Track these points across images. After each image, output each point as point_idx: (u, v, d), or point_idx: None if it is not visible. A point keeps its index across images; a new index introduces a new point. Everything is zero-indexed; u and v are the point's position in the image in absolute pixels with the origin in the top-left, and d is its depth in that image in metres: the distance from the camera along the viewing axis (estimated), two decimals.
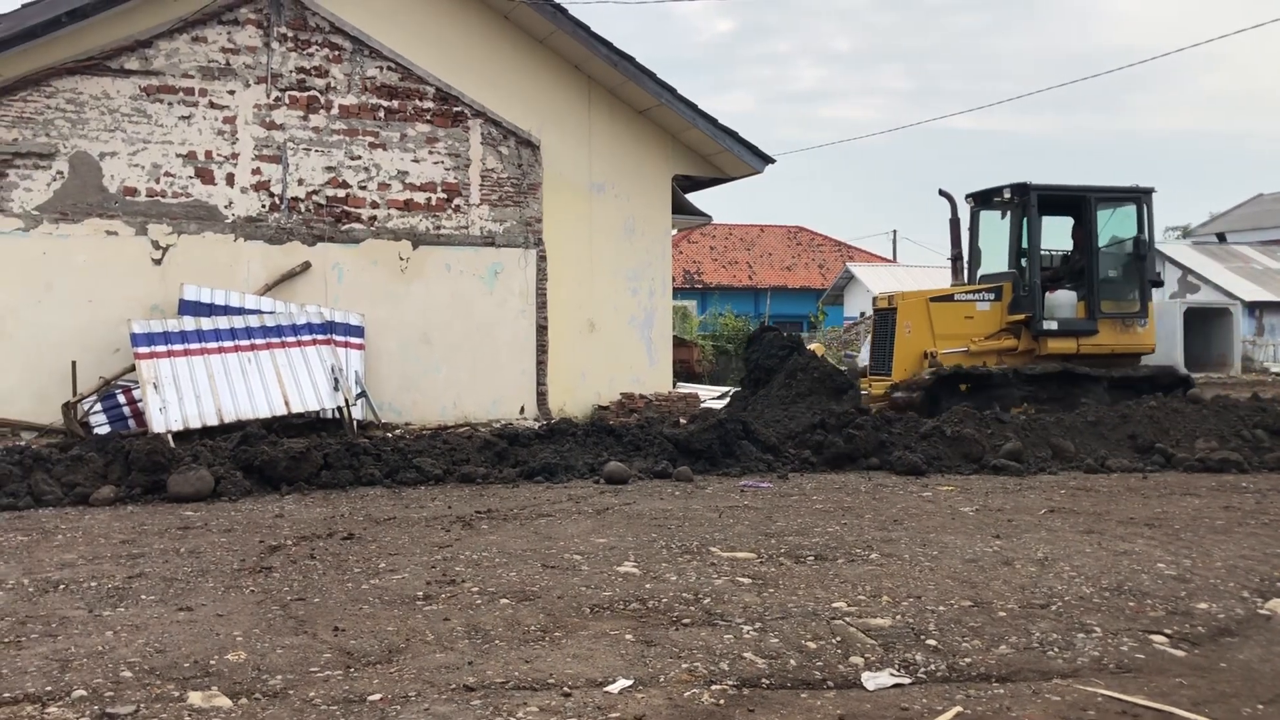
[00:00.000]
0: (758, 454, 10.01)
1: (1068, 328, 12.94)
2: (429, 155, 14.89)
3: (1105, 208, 13.36)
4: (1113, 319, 13.05)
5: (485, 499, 8.32)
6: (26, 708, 3.66)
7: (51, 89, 13.16)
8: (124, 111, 13.41)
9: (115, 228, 13.33)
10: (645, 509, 7.73)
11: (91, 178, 13.27)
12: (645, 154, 16.23)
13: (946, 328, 12.92)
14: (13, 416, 12.59)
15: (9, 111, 13.00)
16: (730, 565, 5.85)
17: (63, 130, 13.17)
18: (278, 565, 5.84)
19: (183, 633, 4.50)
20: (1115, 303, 13.17)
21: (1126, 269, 13.28)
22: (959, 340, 12.90)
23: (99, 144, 13.31)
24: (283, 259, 14.05)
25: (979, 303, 13.12)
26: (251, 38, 13.99)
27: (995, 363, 12.75)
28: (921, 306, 13.01)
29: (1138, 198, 13.28)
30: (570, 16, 14.95)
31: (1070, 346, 12.92)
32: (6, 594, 5.18)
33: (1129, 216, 13.36)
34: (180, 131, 13.66)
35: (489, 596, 5.14)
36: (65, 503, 8.12)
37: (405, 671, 4.06)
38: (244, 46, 13.96)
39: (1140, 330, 13.20)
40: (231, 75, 13.89)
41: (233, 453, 9.01)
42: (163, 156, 13.58)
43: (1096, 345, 13.01)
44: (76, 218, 13.19)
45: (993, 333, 13.05)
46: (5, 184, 12.95)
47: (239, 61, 13.93)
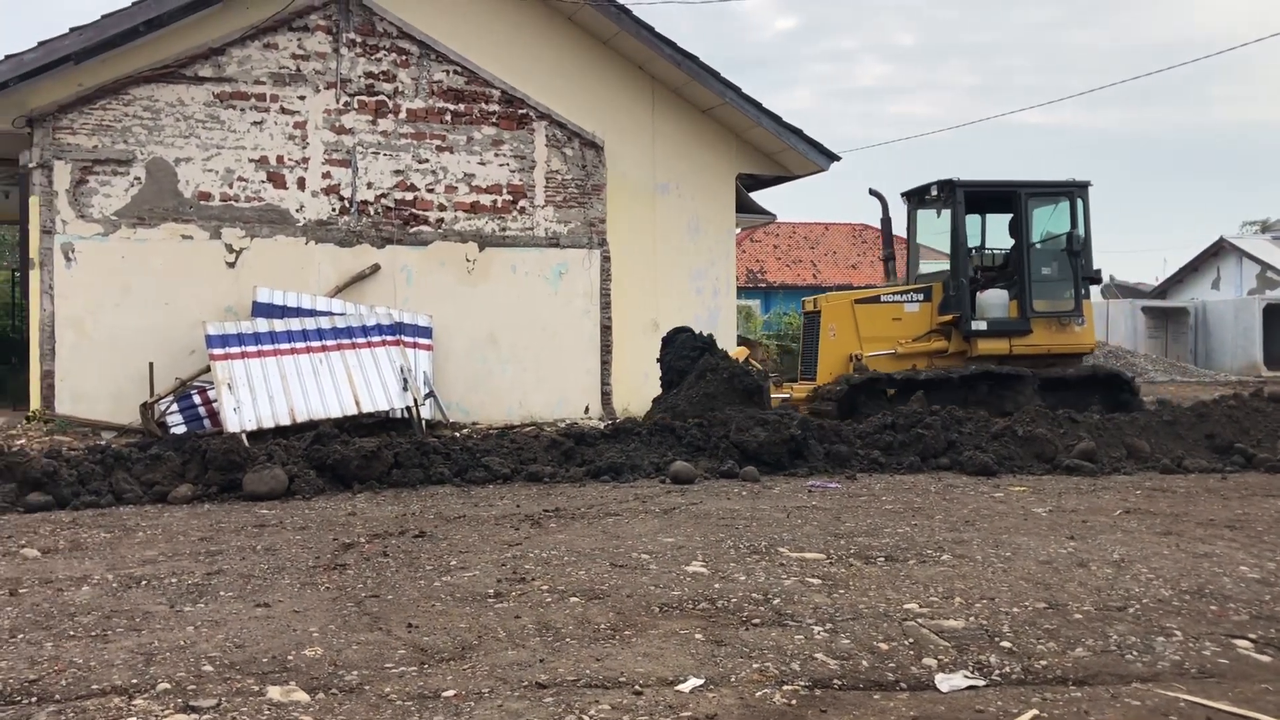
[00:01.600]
0: (825, 454, 9.94)
1: (999, 328, 12.38)
2: (495, 158, 15.02)
3: (1039, 203, 12.83)
4: (1047, 318, 12.50)
5: (553, 498, 8.37)
6: (114, 699, 3.76)
7: (129, 97, 13.49)
8: (198, 118, 13.72)
9: (190, 232, 13.64)
10: (712, 509, 7.72)
11: (167, 183, 13.60)
12: (709, 153, 16.21)
13: (873, 330, 12.49)
14: (93, 417, 12.94)
15: (89, 120, 13.36)
16: (799, 566, 5.82)
17: (140, 137, 13.51)
18: (351, 563, 5.93)
19: (261, 628, 4.59)
20: (1049, 301, 12.60)
21: (1061, 266, 12.66)
22: (886, 343, 12.46)
23: (174, 150, 13.63)
24: (352, 261, 14.27)
25: (907, 304, 12.65)
26: (321, 44, 14.22)
27: (926, 365, 12.30)
28: (846, 309, 12.59)
29: (1071, 192, 12.71)
30: (634, 17, 14.98)
31: (1002, 347, 12.37)
32: (92, 589, 5.33)
33: (1066, 212, 12.79)
34: (252, 137, 13.93)
35: (559, 595, 5.17)
36: (145, 500, 8.32)
37: (478, 668, 4.10)
38: (314, 52, 14.20)
39: (1078, 329, 12.61)
40: (302, 81, 14.13)
41: (305, 452, 9.16)
42: (235, 161, 13.87)
43: (1031, 346, 12.44)
44: (153, 222, 13.52)
45: (921, 334, 12.58)
46: (85, 190, 13.31)
47: (309, 67, 14.17)
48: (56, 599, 5.12)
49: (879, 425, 10.54)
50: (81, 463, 8.73)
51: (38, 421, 12.83)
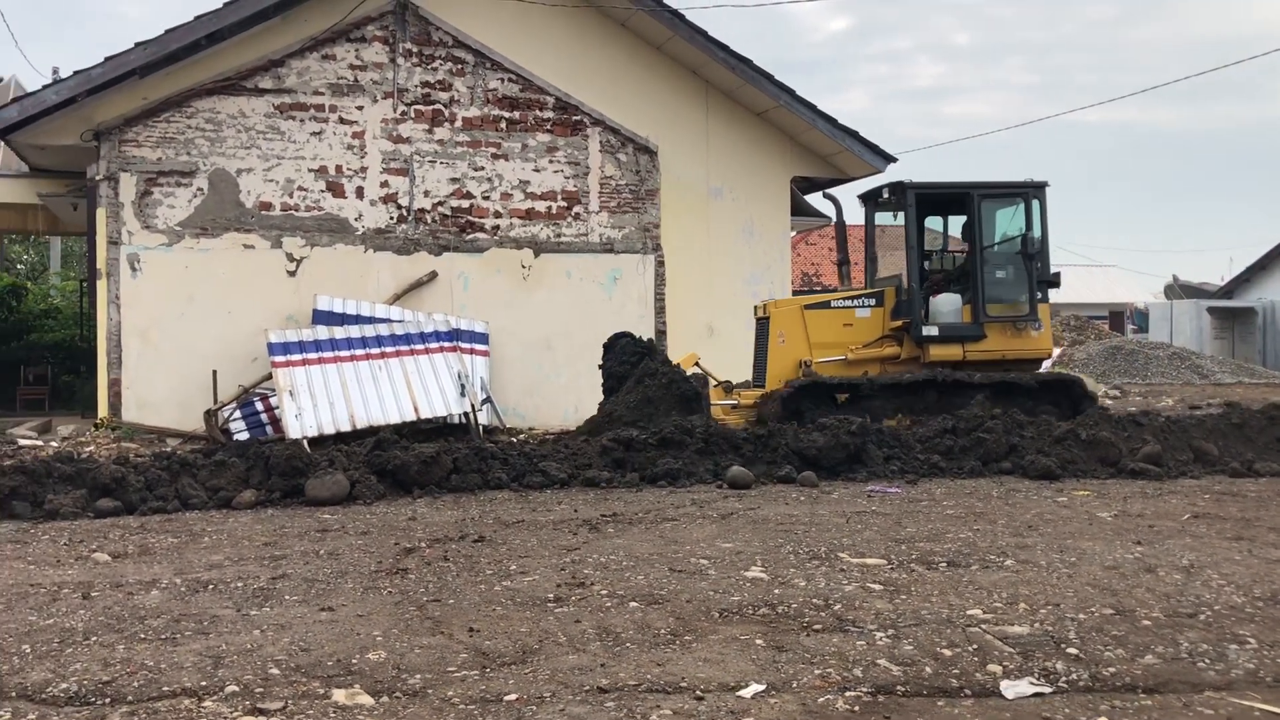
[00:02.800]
0: (884, 458, 9.85)
1: (951, 333, 12.00)
2: (549, 164, 15.10)
3: (993, 205, 12.45)
4: (1002, 323, 12.10)
5: (609, 503, 8.38)
6: (184, 701, 3.82)
7: (192, 109, 13.77)
8: (259, 129, 13.95)
9: (252, 241, 13.87)
10: (770, 514, 7.69)
11: (229, 193, 13.84)
12: (763, 156, 16.16)
13: (823, 335, 12.17)
14: (159, 424, 13.21)
15: (154, 133, 13.65)
16: (860, 571, 5.78)
17: (202, 149, 13.77)
18: (413, 567, 5.98)
19: (325, 632, 4.65)
20: (1003, 306, 12.18)
21: (1016, 270, 12.24)
22: (836, 348, 12.15)
23: (236, 161, 13.87)
24: (410, 269, 14.42)
25: (859, 309, 12.31)
26: (378, 54, 14.40)
27: (878, 371, 12.03)
28: (796, 314, 12.29)
29: (1025, 193, 12.29)
30: (688, 22, 14.99)
31: (955, 353, 11.96)
32: (161, 593, 5.43)
33: (1022, 214, 12.36)
34: (312, 147, 14.14)
35: (618, 599, 5.17)
36: (210, 506, 8.46)
37: (539, 672, 4.11)
38: (371, 63, 14.38)
39: (1035, 334, 12.18)
40: (359, 91, 14.32)
41: (366, 457, 9.26)
42: (295, 172, 14.09)
43: (985, 351, 12.03)
44: (216, 232, 13.77)
45: (873, 340, 12.26)
46: (150, 201, 13.60)
47: (366, 78, 14.36)
48: (127, 602, 5.23)
49: (939, 429, 10.42)
50: (149, 469, 8.91)
51: (105, 428, 13.13)
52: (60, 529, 7.54)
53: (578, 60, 15.33)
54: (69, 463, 8.86)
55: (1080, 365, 27.06)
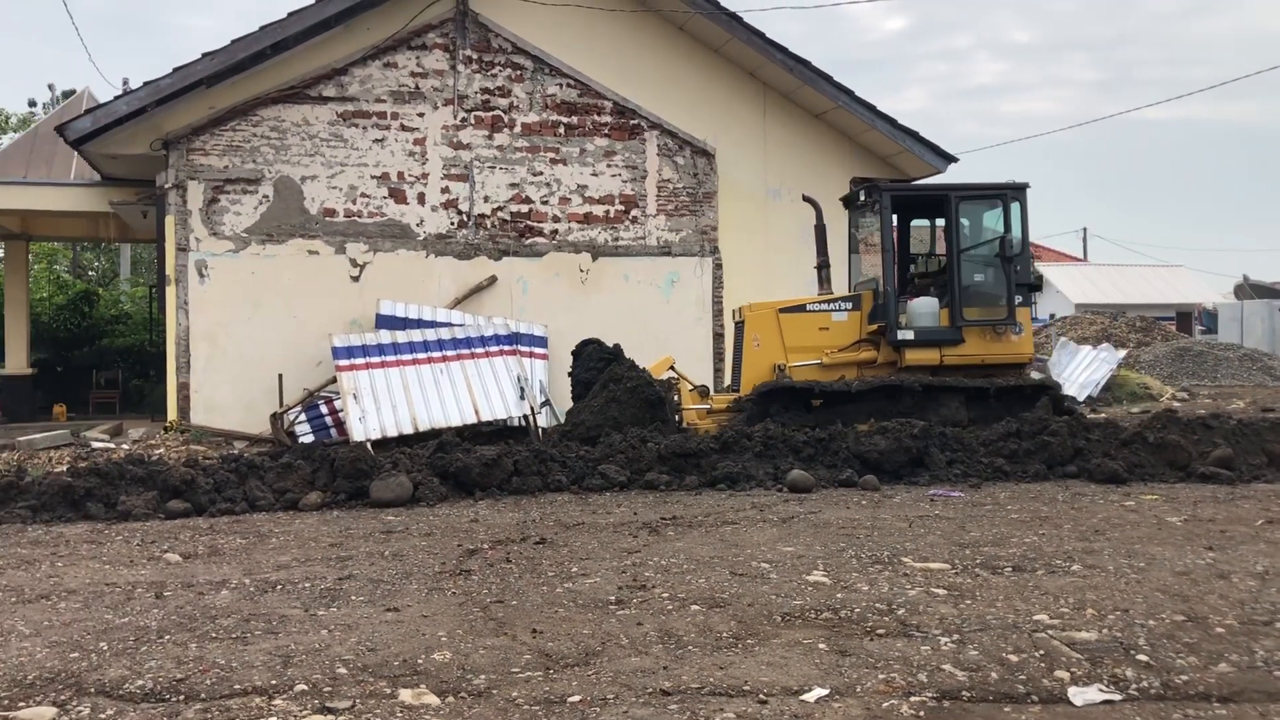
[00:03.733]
0: (947, 462, 9.75)
1: (928, 337, 11.74)
2: (607, 168, 15.16)
3: (971, 207, 12.16)
4: (980, 327, 11.81)
5: (669, 506, 8.39)
6: (255, 699, 3.90)
7: (257, 118, 14.02)
8: (322, 136, 14.17)
9: (316, 247, 14.09)
10: (831, 518, 7.65)
11: (294, 200, 14.08)
12: (822, 158, 16.08)
13: (798, 339, 11.96)
14: (226, 426, 13.46)
15: (220, 141, 13.93)
16: (924, 576, 5.73)
17: (267, 156, 14.02)
18: (476, 568, 6.04)
19: (391, 632, 4.71)
20: (981, 309, 11.88)
21: (995, 273, 11.97)
22: (812, 352, 11.95)
23: (300, 168, 14.10)
24: (470, 273, 14.56)
25: (835, 313, 12.09)
26: (439, 61, 14.56)
27: (855, 375, 11.81)
28: (771, 318, 12.08)
29: (1003, 195, 12.02)
30: (745, 24, 14.97)
31: (933, 357, 11.71)
32: (231, 593, 5.54)
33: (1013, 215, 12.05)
34: (374, 154, 14.34)
35: (679, 602, 5.18)
36: (277, 508, 8.61)
37: (602, 674, 4.13)
38: (432, 70, 14.55)
39: (1015, 339, 11.87)
40: (421, 98, 14.49)
41: (429, 460, 9.37)
42: (358, 178, 14.29)
43: (963, 356, 11.75)
44: (281, 238, 14.01)
45: (849, 344, 12.03)
46: (217, 209, 13.87)
47: (427, 85, 14.52)
48: (198, 602, 5.34)
49: (1003, 433, 10.29)
50: (217, 471, 9.09)
51: (174, 431, 13.41)
52: (133, 530, 7.71)
53: (635, 64, 15.37)
54: (140, 465, 9.08)
55: (1147, 367, 26.53)
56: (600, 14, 15.05)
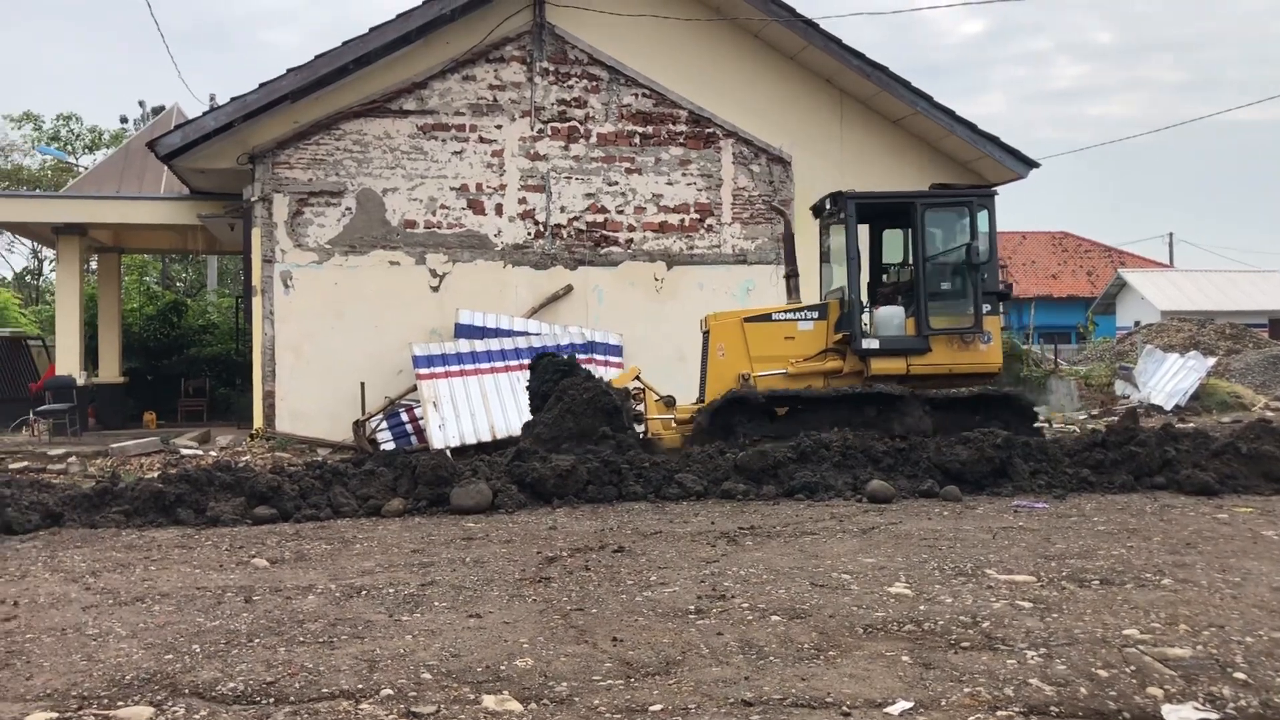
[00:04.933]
0: (1031, 473, 9.58)
1: (893, 346, 11.49)
2: (682, 177, 15.19)
3: (940, 215, 11.86)
4: (948, 336, 11.52)
5: (747, 515, 8.35)
6: (343, 703, 3.97)
7: (340, 131, 14.32)
8: (403, 149, 14.42)
9: (397, 258, 14.34)
10: (913, 529, 7.55)
11: (376, 212, 14.34)
12: (900, 164, 15.93)
13: (764, 349, 11.73)
14: (310, 434, 13.74)
15: (304, 155, 14.24)
16: (1008, 588, 5.63)
17: (350, 169, 14.30)
18: (555, 576, 6.08)
19: (474, 638, 4.77)
20: (948, 318, 11.59)
21: (962, 281, 11.65)
22: (778, 362, 11.71)
23: (382, 180, 14.36)
24: (547, 283, 14.68)
25: (801, 322, 11.85)
26: (516, 74, 14.73)
27: (822, 385, 11.59)
28: (736, 327, 11.87)
29: (969, 202, 11.69)
30: (822, 31, 14.91)
31: (899, 367, 11.46)
32: (317, 598, 5.65)
33: (982, 222, 11.69)
34: (453, 166, 14.54)
35: (760, 613, 5.16)
36: (360, 514, 8.75)
37: (683, 684, 4.13)
38: (509, 82, 14.72)
39: (984, 348, 11.56)
40: (498, 110, 14.67)
41: (507, 468, 9.46)
42: (438, 190, 14.51)
43: (930, 365, 11.48)
44: (363, 250, 14.28)
45: (815, 353, 11.79)
46: (302, 221, 14.18)
47: (505, 97, 14.70)
48: (286, 606, 5.45)
49: (1088, 443, 10.08)
50: (302, 478, 9.27)
51: (260, 439, 13.72)
52: (221, 535, 7.90)
53: (710, 72, 15.38)
54: (228, 472, 9.30)
55: (1237, 375, 25.76)
56: (675, 23, 15.10)
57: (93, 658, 4.56)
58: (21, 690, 4.17)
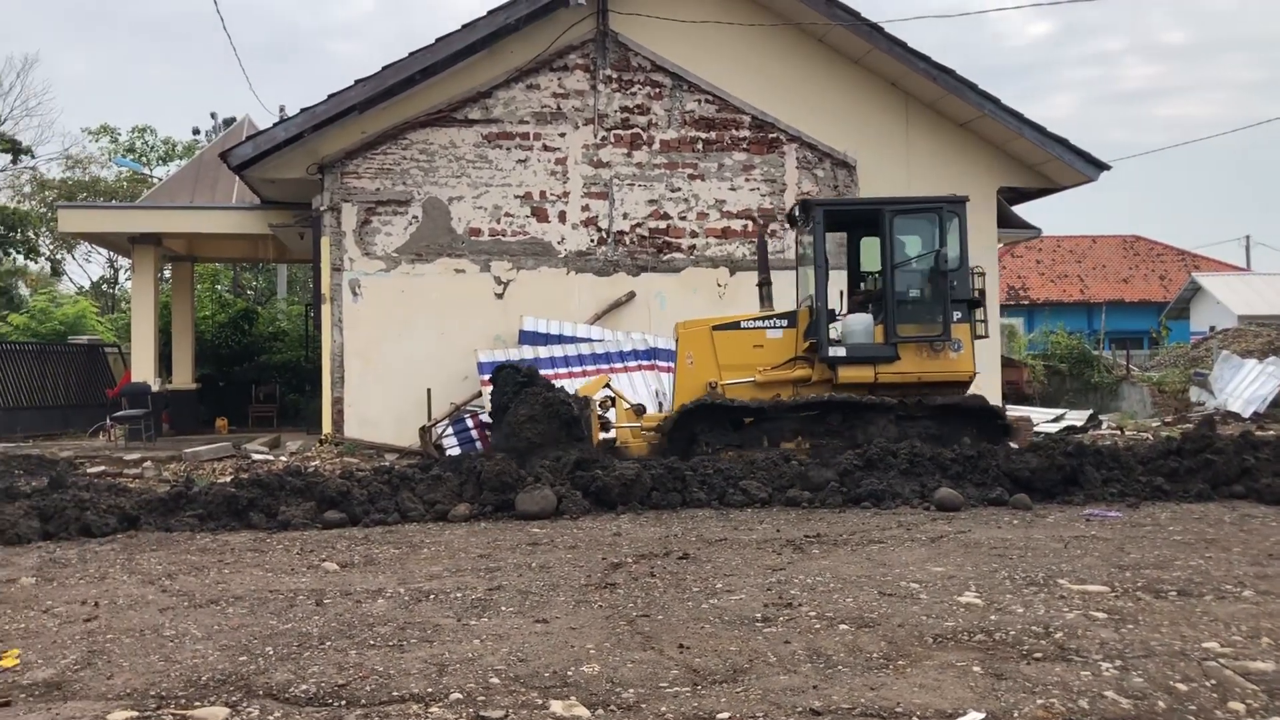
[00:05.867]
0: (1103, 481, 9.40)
1: (861, 354, 11.28)
2: (745, 182, 15.15)
3: (910, 222, 11.61)
4: (917, 344, 11.26)
5: (812, 523, 8.30)
6: (412, 706, 4.01)
7: (406, 141, 14.50)
8: (468, 158, 14.57)
9: (463, 265, 14.48)
10: (982, 537, 7.45)
11: (441, 220, 14.49)
12: (967, 167, 15.73)
13: (732, 357, 11.63)
14: (377, 439, 13.91)
15: (372, 164, 14.44)
16: (1081, 598, 5.52)
17: (416, 179, 14.47)
18: (621, 582, 6.09)
19: (541, 644, 4.79)
20: (917, 326, 11.35)
21: (933, 289, 11.41)
22: (746, 370, 11.59)
23: (447, 189, 14.52)
24: (609, 289, 14.72)
25: (769, 330, 11.73)
26: (579, 82, 14.80)
27: (790, 394, 11.42)
28: (705, 336, 11.76)
29: (938, 208, 11.43)
30: (887, 34, 14.78)
31: (867, 375, 11.26)
32: (387, 602, 5.72)
33: (954, 231, 11.46)
34: (517, 174, 14.65)
35: (827, 621, 5.12)
36: (427, 518, 8.85)
37: (751, 691, 4.11)
38: (573, 90, 14.80)
39: (954, 356, 11.29)
40: (562, 118, 14.76)
41: (570, 474, 9.50)
42: (502, 198, 14.63)
43: (899, 373, 11.25)
44: (429, 258, 14.44)
45: (783, 362, 11.61)
46: (369, 229, 14.38)
47: (568, 105, 14.78)
48: (356, 610, 5.52)
49: (1162, 450, 9.87)
50: (370, 483, 9.40)
51: (329, 444, 13.93)
52: (292, 539, 8.03)
53: (774, 77, 15.33)
54: (298, 477, 9.46)
55: None
56: (738, 29, 15.07)
57: (170, 658, 4.65)
58: (103, 689, 4.27)
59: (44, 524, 8.36)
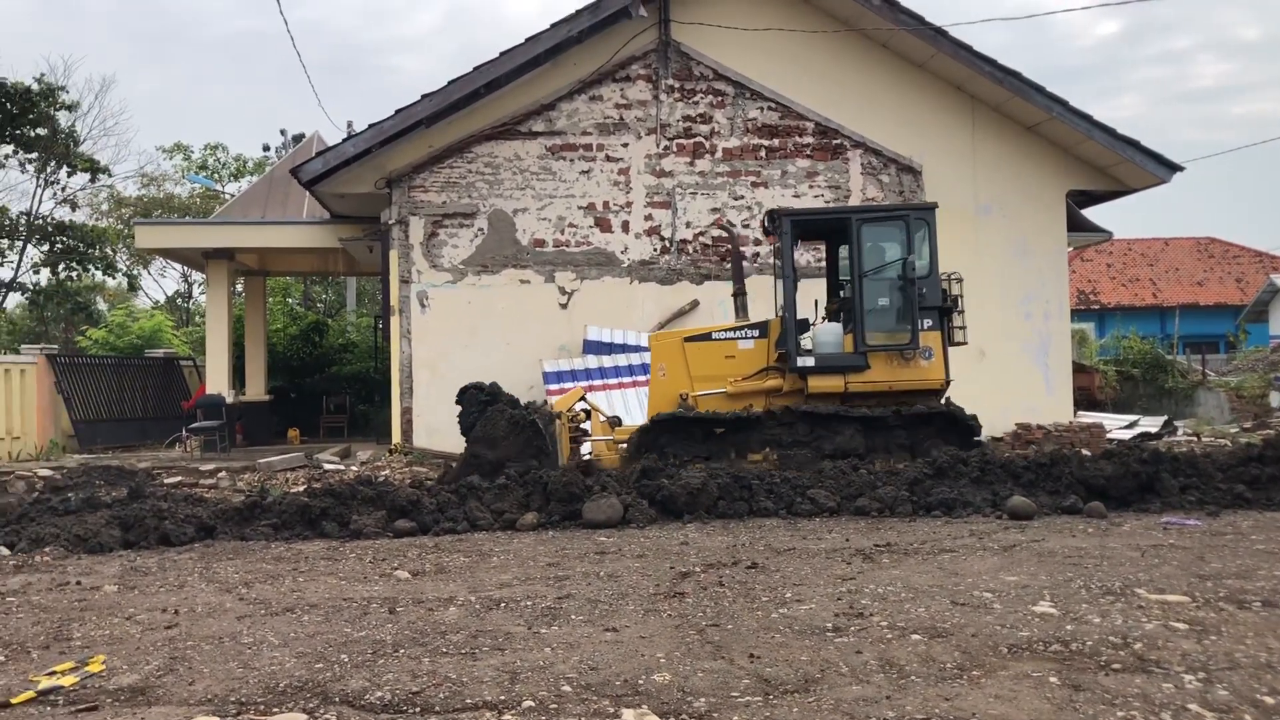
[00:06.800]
0: (1180, 489, 9.19)
1: (830, 364, 11.15)
2: (809, 189, 15.09)
3: (874, 230, 11.42)
4: (887, 352, 11.12)
5: (882, 532, 8.22)
6: (485, 714, 4.05)
7: (472, 154, 14.67)
8: (532, 170, 14.69)
9: (527, 276, 14.60)
10: (1056, 546, 7.32)
11: (506, 232, 14.63)
12: (1035, 171, 15.52)
13: (704, 368, 11.51)
14: (445, 449, 14.05)
15: (438, 178, 14.63)
16: (1161, 609, 5.40)
17: (481, 191, 14.63)
18: (689, 591, 6.09)
19: (611, 652, 4.80)
20: (885, 335, 11.20)
21: (899, 297, 11.25)
22: (718, 381, 11.48)
23: (512, 201, 14.65)
24: (673, 298, 14.75)
25: (741, 340, 11.60)
26: (641, 92, 14.86)
27: (762, 404, 11.28)
28: (676, 347, 11.65)
29: (905, 216, 11.26)
30: (951, 38, 14.65)
31: (837, 385, 11.13)
32: (458, 610, 5.77)
33: (926, 240, 11.30)
34: (581, 185, 14.75)
35: (899, 631, 5.07)
36: (495, 527, 8.93)
37: (823, 702, 4.08)
38: (635, 101, 14.86)
39: (925, 364, 11.12)
40: (624, 129, 14.82)
41: (636, 484, 9.52)
42: (566, 209, 14.73)
43: (869, 382, 11.11)
44: (495, 269, 14.58)
45: (754, 372, 11.49)
46: (436, 242, 14.56)
47: (631, 115, 14.84)
48: (428, 618, 5.59)
49: (1242, 457, 9.62)
50: (439, 492, 9.50)
51: (399, 453, 14.10)
52: (364, 547, 8.14)
53: (837, 83, 15.26)
54: (369, 486, 9.59)
55: None
56: (801, 36, 15.03)
57: (248, 665, 4.74)
58: (185, 695, 4.37)
59: (125, 533, 8.58)
